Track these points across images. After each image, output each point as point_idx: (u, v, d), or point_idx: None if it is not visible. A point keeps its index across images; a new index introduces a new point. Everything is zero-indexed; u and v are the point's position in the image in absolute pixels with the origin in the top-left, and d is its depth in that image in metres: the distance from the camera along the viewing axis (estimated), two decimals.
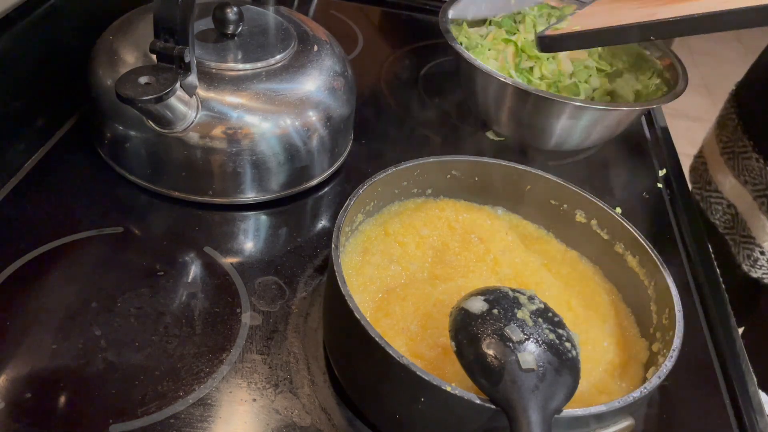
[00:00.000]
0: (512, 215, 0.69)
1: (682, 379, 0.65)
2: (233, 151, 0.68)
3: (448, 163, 0.65)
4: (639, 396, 0.47)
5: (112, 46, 0.70)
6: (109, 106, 0.68)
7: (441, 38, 0.89)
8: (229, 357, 0.58)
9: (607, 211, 0.63)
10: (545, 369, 0.44)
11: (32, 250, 0.63)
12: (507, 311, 0.48)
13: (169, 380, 0.55)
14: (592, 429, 0.46)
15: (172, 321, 0.60)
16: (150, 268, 0.64)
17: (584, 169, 0.93)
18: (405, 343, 0.53)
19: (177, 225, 0.70)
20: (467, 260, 0.62)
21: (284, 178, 0.73)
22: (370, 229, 0.63)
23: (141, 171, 0.71)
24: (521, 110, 0.86)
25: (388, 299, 0.57)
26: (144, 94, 0.58)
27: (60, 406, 0.52)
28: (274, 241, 0.71)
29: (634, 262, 0.61)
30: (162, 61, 0.62)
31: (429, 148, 0.90)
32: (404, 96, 0.99)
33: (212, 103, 0.66)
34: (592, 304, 0.61)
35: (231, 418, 0.54)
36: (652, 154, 0.97)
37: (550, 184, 0.65)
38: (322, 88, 0.73)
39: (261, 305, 0.63)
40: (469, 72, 0.87)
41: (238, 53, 0.70)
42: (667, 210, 0.87)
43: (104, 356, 0.56)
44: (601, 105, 0.82)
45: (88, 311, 0.59)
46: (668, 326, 0.54)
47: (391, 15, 1.20)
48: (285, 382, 0.57)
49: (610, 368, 0.56)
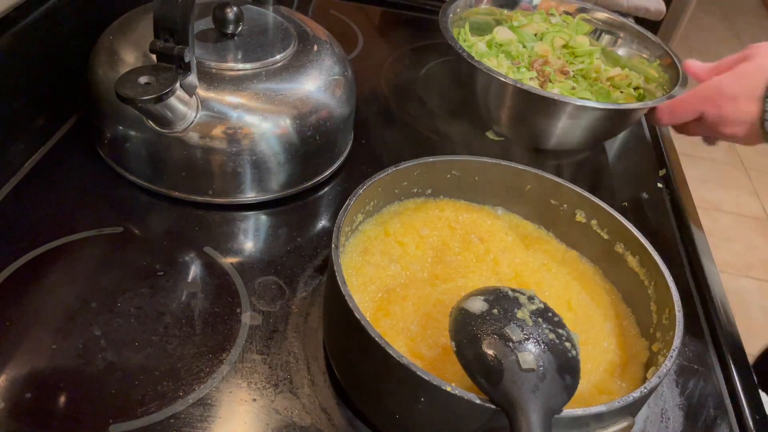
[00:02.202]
0: (512, 215, 0.69)
1: (682, 379, 0.65)
2: (233, 151, 0.68)
3: (448, 163, 0.65)
4: (639, 396, 0.47)
5: (112, 46, 0.70)
6: (109, 106, 0.68)
7: (441, 38, 0.89)
8: (229, 357, 0.58)
9: (607, 211, 0.63)
10: (545, 369, 0.44)
11: (32, 250, 0.63)
12: (507, 311, 0.48)
13: (169, 380, 0.55)
14: (591, 429, 0.46)
15: (172, 321, 0.60)
16: (150, 268, 0.64)
17: (584, 169, 0.93)
18: (405, 343, 0.53)
19: (177, 225, 0.70)
20: (467, 260, 0.62)
21: (284, 178, 0.73)
22: (370, 229, 0.63)
23: (141, 171, 0.71)
24: (522, 110, 0.86)
25: (388, 299, 0.57)
26: (144, 94, 0.58)
27: (60, 406, 0.52)
28: (274, 241, 0.71)
29: (634, 262, 0.61)
30: (162, 61, 0.62)
31: (429, 148, 0.90)
32: (404, 96, 0.99)
33: (212, 103, 0.66)
34: (592, 304, 0.61)
35: (231, 418, 0.54)
36: (652, 154, 0.97)
37: (550, 184, 0.65)
38: (322, 88, 0.73)
39: (261, 305, 0.63)
40: (470, 72, 0.87)
41: (238, 53, 0.70)
42: (667, 210, 0.87)
43: (104, 356, 0.56)
44: (601, 105, 0.82)
45: (88, 311, 0.59)
46: (668, 326, 0.54)
47: (391, 15, 1.20)
48: (285, 382, 0.57)
49: (610, 368, 0.56)
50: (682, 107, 0.78)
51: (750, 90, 0.71)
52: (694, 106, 0.77)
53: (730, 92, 0.72)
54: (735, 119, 0.73)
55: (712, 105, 0.74)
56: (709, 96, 0.74)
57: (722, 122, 0.74)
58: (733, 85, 0.72)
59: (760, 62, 0.72)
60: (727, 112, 0.73)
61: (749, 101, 0.71)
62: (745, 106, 0.71)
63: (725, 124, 0.74)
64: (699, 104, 0.76)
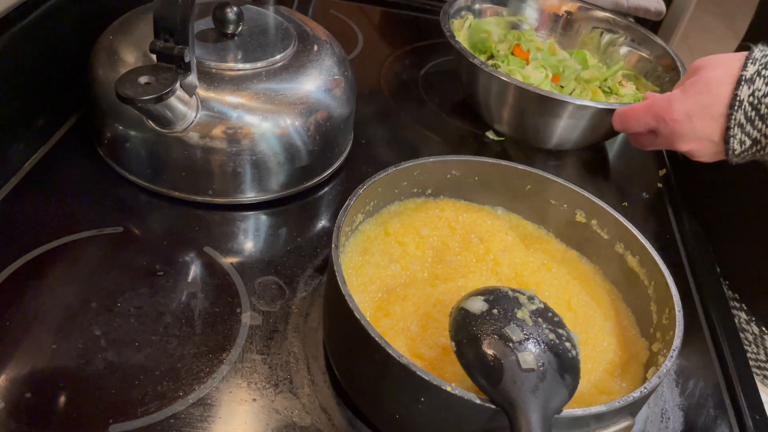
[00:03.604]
0: (512, 215, 0.69)
1: (682, 379, 0.65)
2: (233, 151, 0.68)
3: (448, 163, 0.65)
4: (639, 396, 0.47)
5: (112, 46, 0.70)
6: (109, 106, 0.68)
7: (441, 38, 0.89)
8: (229, 357, 0.58)
9: (607, 211, 0.63)
10: (545, 369, 0.44)
11: (32, 250, 0.63)
12: (507, 311, 0.48)
13: (169, 380, 0.55)
14: (592, 429, 0.46)
15: (172, 321, 0.60)
16: (150, 268, 0.64)
17: (584, 169, 0.93)
18: (405, 343, 0.53)
19: (177, 225, 0.70)
20: (467, 260, 0.62)
21: (284, 178, 0.73)
22: (370, 229, 0.63)
23: (141, 171, 0.71)
24: (522, 109, 0.86)
25: (388, 299, 0.57)
26: (144, 94, 0.58)
27: (60, 406, 0.52)
28: (274, 241, 0.71)
29: (634, 262, 0.61)
30: (162, 61, 0.62)
31: (429, 148, 0.90)
32: (404, 96, 0.99)
33: (212, 103, 0.66)
34: (592, 304, 0.61)
35: (231, 418, 0.54)
36: (652, 154, 0.97)
37: (550, 184, 0.65)
38: (322, 88, 0.73)
39: (261, 305, 0.63)
40: (470, 71, 0.87)
41: (238, 53, 0.70)
42: (667, 210, 0.87)
43: (104, 356, 0.56)
44: (602, 104, 0.82)
45: (88, 311, 0.59)
46: (668, 326, 0.54)
47: (391, 15, 1.20)
48: (285, 382, 0.57)
49: (610, 368, 0.56)
50: (633, 117, 0.75)
51: (704, 105, 0.67)
52: (643, 119, 0.73)
53: (683, 110, 0.68)
54: (692, 136, 0.69)
55: (664, 123, 0.70)
56: (659, 114, 0.71)
57: (677, 139, 0.70)
58: (686, 102, 0.68)
59: (709, 75, 0.67)
60: (681, 128, 0.69)
61: (704, 118, 0.67)
62: (701, 123, 0.67)
63: (681, 141, 0.70)
64: (650, 120, 0.72)
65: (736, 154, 0.67)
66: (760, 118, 0.63)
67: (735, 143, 0.66)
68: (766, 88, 0.63)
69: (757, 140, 0.65)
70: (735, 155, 0.67)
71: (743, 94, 0.64)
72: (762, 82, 0.63)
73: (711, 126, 0.67)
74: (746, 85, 0.64)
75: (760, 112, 0.63)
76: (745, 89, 0.64)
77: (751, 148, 0.66)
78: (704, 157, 0.71)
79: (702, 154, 0.71)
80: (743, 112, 0.64)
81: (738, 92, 0.64)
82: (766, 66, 0.64)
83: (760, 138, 0.64)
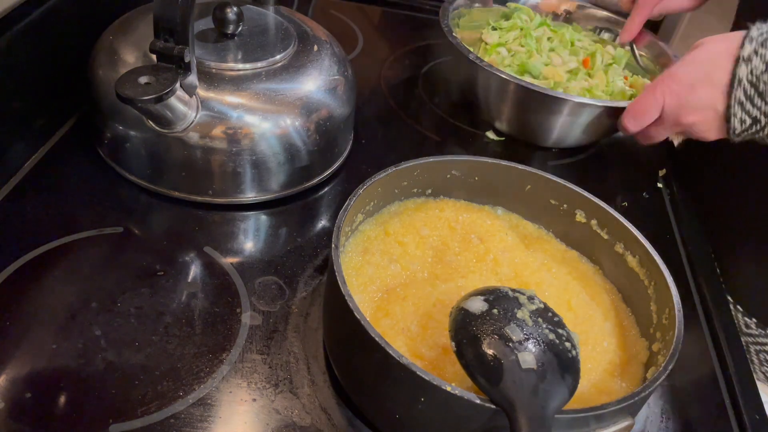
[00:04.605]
0: (512, 215, 0.69)
1: (682, 379, 0.65)
2: (233, 151, 0.68)
3: (448, 163, 0.65)
4: (639, 396, 0.47)
5: (112, 46, 0.70)
6: (109, 106, 0.68)
7: (441, 38, 0.89)
8: (229, 357, 0.58)
9: (607, 211, 0.63)
10: (545, 369, 0.44)
11: (32, 250, 0.63)
12: (507, 311, 0.48)
13: (169, 380, 0.55)
14: (592, 429, 0.46)
15: (172, 321, 0.60)
16: (150, 268, 0.64)
17: (584, 169, 0.93)
18: (405, 343, 0.53)
19: (177, 225, 0.70)
20: (467, 260, 0.62)
21: (284, 178, 0.73)
22: (370, 229, 0.63)
23: (141, 171, 0.71)
24: (522, 107, 0.86)
25: (388, 299, 0.57)
26: (144, 94, 0.58)
27: (60, 406, 0.52)
28: (274, 241, 0.71)
29: (634, 262, 0.61)
30: (162, 61, 0.62)
31: (429, 148, 0.90)
32: (404, 96, 0.99)
33: (212, 103, 0.66)
34: (592, 304, 0.61)
35: (231, 418, 0.54)
36: (652, 154, 0.97)
37: (550, 184, 0.65)
38: (322, 88, 0.73)
39: (261, 305, 0.63)
40: (470, 69, 0.87)
41: (238, 53, 0.70)
42: (667, 210, 0.87)
43: (104, 356, 0.56)
44: (600, 102, 0.82)
45: (88, 311, 0.59)
46: (668, 326, 0.54)
47: (391, 15, 1.20)
48: (285, 382, 0.57)
49: (610, 368, 0.56)
50: (642, 106, 0.75)
51: (707, 74, 0.68)
52: (652, 101, 0.74)
53: (686, 80, 0.70)
54: (696, 105, 0.70)
55: (670, 93, 0.71)
56: (665, 86, 0.72)
57: (682, 110, 0.71)
58: (688, 72, 0.70)
59: (710, 47, 0.69)
60: (685, 99, 0.70)
61: (708, 86, 0.68)
62: (704, 92, 0.68)
63: (686, 112, 0.71)
64: (658, 95, 0.73)
65: (737, 134, 0.68)
66: (759, 96, 0.65)
67: (736, 122, 0.67)
68: (763, 65, 0.64)
69: (756, 119, 0.66)
70: (735, 134, 0.68)
71: (741, 73, 0.65)
72: (759, 60, 0.64)
73: (713, 94, 0.68)
74: (744, 64, 0.65)
75: (759, 89, 0.64)
76: (744, 68, 0.65)
77: (751, 127, 0.67)
78: (708, 132, 0.71)
79: (706, 128, 0.71)
80: (742, 90, 0.65)
81: (737, 70, 0.65)
82: (763, 44, 0.64)
83: (760, 117, 0.65)
